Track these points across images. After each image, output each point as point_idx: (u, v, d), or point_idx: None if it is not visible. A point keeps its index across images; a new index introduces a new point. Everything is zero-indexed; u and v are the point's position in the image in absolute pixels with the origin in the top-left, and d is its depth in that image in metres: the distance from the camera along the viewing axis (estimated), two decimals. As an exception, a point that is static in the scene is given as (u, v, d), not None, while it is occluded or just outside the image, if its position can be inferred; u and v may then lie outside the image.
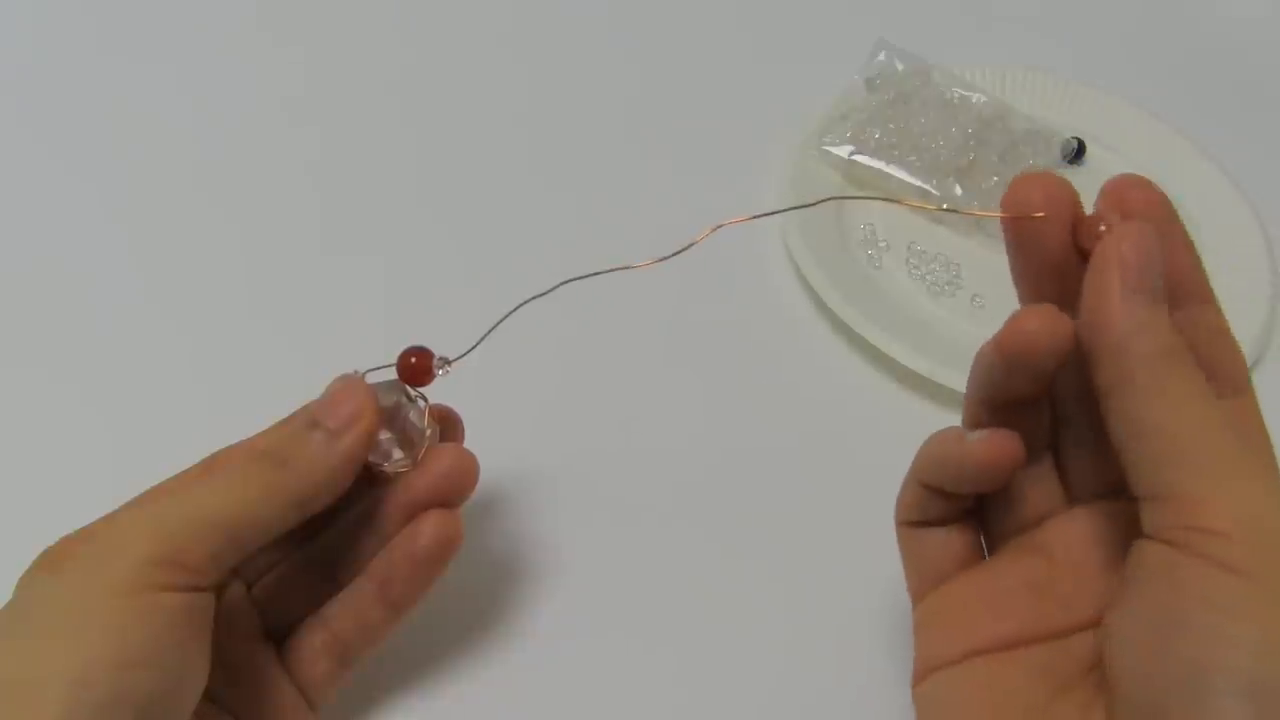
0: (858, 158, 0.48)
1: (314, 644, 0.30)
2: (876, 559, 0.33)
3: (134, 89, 0.52)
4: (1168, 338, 0.23)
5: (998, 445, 0.26)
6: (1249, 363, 0.41)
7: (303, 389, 0.30)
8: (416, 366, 0.30)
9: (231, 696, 0.28)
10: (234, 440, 0.30)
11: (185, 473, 0.30)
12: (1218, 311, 0.26)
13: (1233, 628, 0.21)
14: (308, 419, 0.28)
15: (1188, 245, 0.25)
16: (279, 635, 0.30)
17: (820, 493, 0.38)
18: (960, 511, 0.28)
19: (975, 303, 0.45)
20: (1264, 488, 0.22)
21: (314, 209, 0.47)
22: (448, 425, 0.32)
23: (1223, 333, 0.26)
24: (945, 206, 0.47)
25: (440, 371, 0.30)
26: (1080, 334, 0.24)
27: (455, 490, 0.30)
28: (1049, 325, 0.24)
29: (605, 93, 0.53)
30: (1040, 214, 0.24)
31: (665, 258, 0.28)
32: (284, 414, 0.30)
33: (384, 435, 0.30)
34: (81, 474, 0.35)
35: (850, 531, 0.36)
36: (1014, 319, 0.24)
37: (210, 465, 0.30)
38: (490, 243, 0.46)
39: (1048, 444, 0.28)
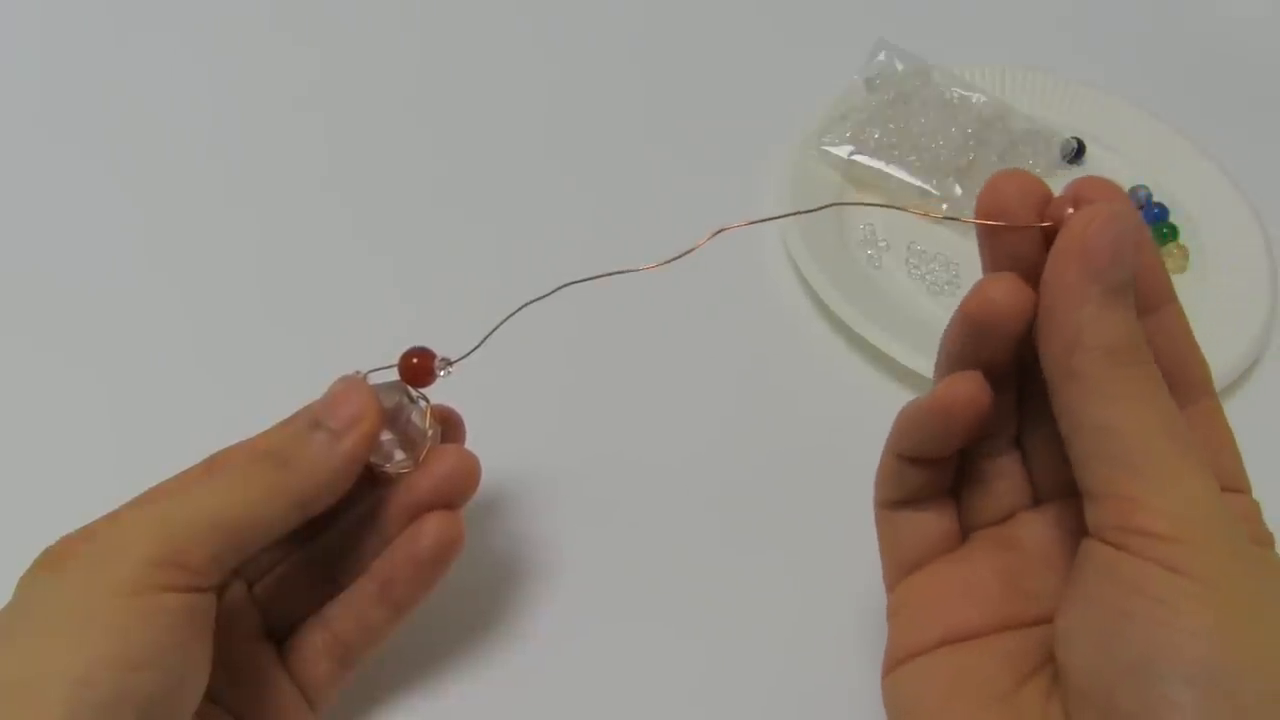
0: (857, 158, 0.48)
1: (315, 644, 0.30)
2: (877, 558, 0.33)
3: (140, 88, 0.52)
4: (1119, 335, 0.23)
5: (951, 386, 0.25)
6: (1247, 363, 0.42)
7: (305, 389, 0.30)
8: (418, 367, 0.30)
9: (233, 696, 0.28)
10: (236, 440, 0.30)
11: (186, 473, 0.30)
12: (1181, 314, 0.25)
13: (1181, 620, 0.21)
14: (310, 419, 0.28)
15: (1151, 247, 0.25)
16: (280, 635, 0.30)
17: (821, 492, 0.38)
18: (936, 490, 0.28)
19: (975, 303, 0.45)
20: (1203, 490, 0.22)
21: (317, 210, 0.47)
22: (449, 426, 0.32)
23: (1186, 336, 0.25)
24: (945, 209, 0.47)
25: (442, 372, 0.30)
26: (1038, 323, 0.24)
27: (457, 491, 0.30)
28: (1011, 293, 0.24)
29: (606, 94, 0.53)
30: (1047, 223, 0.24)
31: (666, 262, 0.28)
32: (286, 414, 0.30)
33: (386, 436, 0.30)
34: (83, 473, 0.35)
35: (851, 531, 0.36)
36: (978, 286, 0.25)
37: (212, 465, 0.30)
38: (492, 245, 0.46)
39: (1015, 438, 0.28)
